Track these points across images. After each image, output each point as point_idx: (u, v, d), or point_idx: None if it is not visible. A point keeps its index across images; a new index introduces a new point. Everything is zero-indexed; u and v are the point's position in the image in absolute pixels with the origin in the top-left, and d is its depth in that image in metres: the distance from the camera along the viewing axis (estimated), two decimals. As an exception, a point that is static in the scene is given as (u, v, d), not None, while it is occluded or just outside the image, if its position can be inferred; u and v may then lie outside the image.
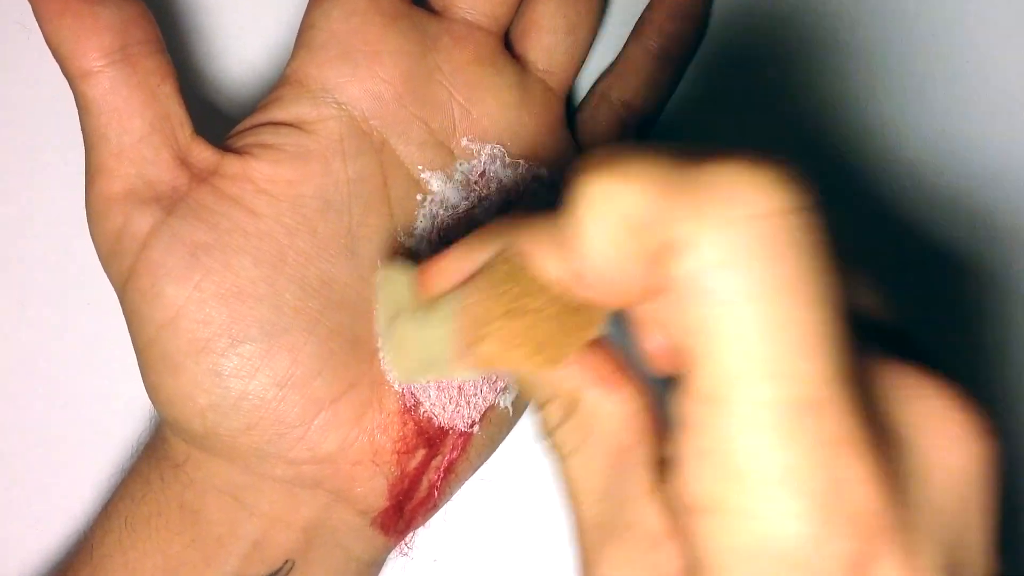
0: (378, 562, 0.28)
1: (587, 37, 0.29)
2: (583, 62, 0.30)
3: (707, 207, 0.16)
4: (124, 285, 0.24)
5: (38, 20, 0.24)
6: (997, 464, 0.17)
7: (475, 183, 0.27)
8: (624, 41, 0.31)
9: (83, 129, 0.24)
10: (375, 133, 0.26)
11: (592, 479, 0.20)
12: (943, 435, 0.17)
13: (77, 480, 0.31)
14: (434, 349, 0.22)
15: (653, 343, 0.19)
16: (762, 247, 0.15)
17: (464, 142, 0.27)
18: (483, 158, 0.27)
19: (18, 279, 0.31)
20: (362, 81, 0.26)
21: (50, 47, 0.24)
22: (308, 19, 0.26)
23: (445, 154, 0.27)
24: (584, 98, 0.31)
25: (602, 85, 0.30)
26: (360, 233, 0.26)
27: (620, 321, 0.20)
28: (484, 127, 0.27)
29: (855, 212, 0.31)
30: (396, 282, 0.24)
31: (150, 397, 0.25)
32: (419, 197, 0.27)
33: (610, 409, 0.20)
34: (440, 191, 0.27)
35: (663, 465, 0.19)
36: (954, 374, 0.19)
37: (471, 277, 0.21)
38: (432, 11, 0.27)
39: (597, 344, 0.20)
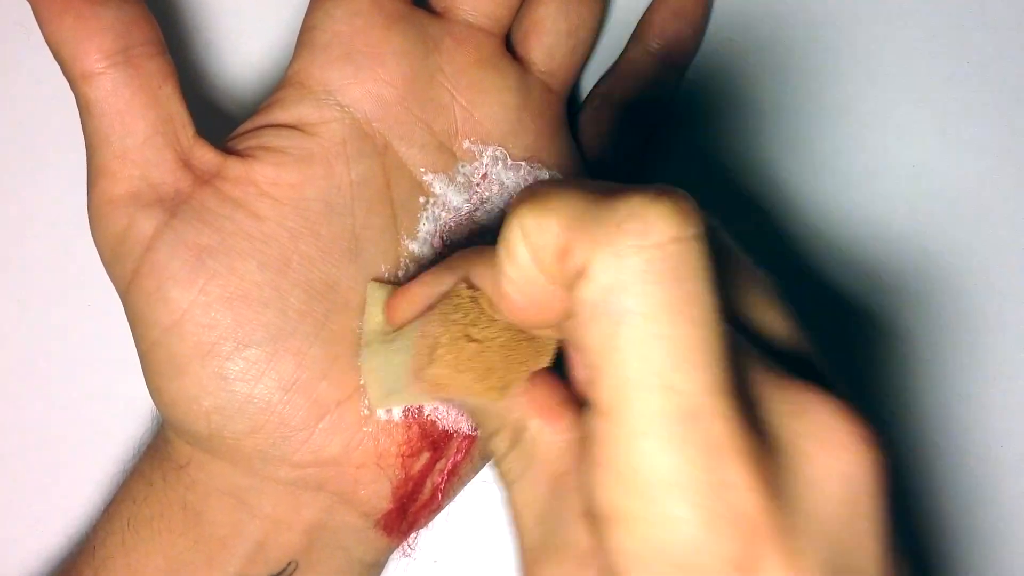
0: (380, 563, 0.28)
1: (588, 39, 0.29)
2: (585, 64, 0.30)
3: (606, 237, 0.17)
4: (128, 288, 0.24)
5: (38, 21, 0.24)
6: (885, 473, 0.19)
7: (477, 185, 0.27)
8: (625, 42, 0.31)
9: (84, 131, 0.24)
10: (378, 135, 0.26)
11: (532, 504, 0.21)
12: (828, 444, 0.18)
13: (78, 480, 0.31)
14: (396, 376, 0.24)
15: (579, 372, 0.21)
16: (651, 272, 0.17)
17: (466, 144, 0.27)
18: (485, 160, 0.27)
19: (18, 279, 0.31)
20: (365, 83, 0.26)
21: (51, 48, 0.24)
22: (310, 20, 0.26)
23: (447, 156, 0.27)
24: (585, 99, 0.31)
25: (603, 87, 0.31)
26: (363, 236, 0.26)
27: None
28: (486, 129, 0.27)
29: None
30: (374, 304, 0.25)
31: (153, 399, 0.25)
32: (422, 200, 0.26)
33: (550, 438, 0.21)
34: (442, 193, 0.27)
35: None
36: (849, 388, 0.20)
37: (432, 305, 0.23)
38: (433, 12, 0.27)
39: (542, 375, 0.21)
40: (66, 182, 0.31)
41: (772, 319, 0.21)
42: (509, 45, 0.29)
